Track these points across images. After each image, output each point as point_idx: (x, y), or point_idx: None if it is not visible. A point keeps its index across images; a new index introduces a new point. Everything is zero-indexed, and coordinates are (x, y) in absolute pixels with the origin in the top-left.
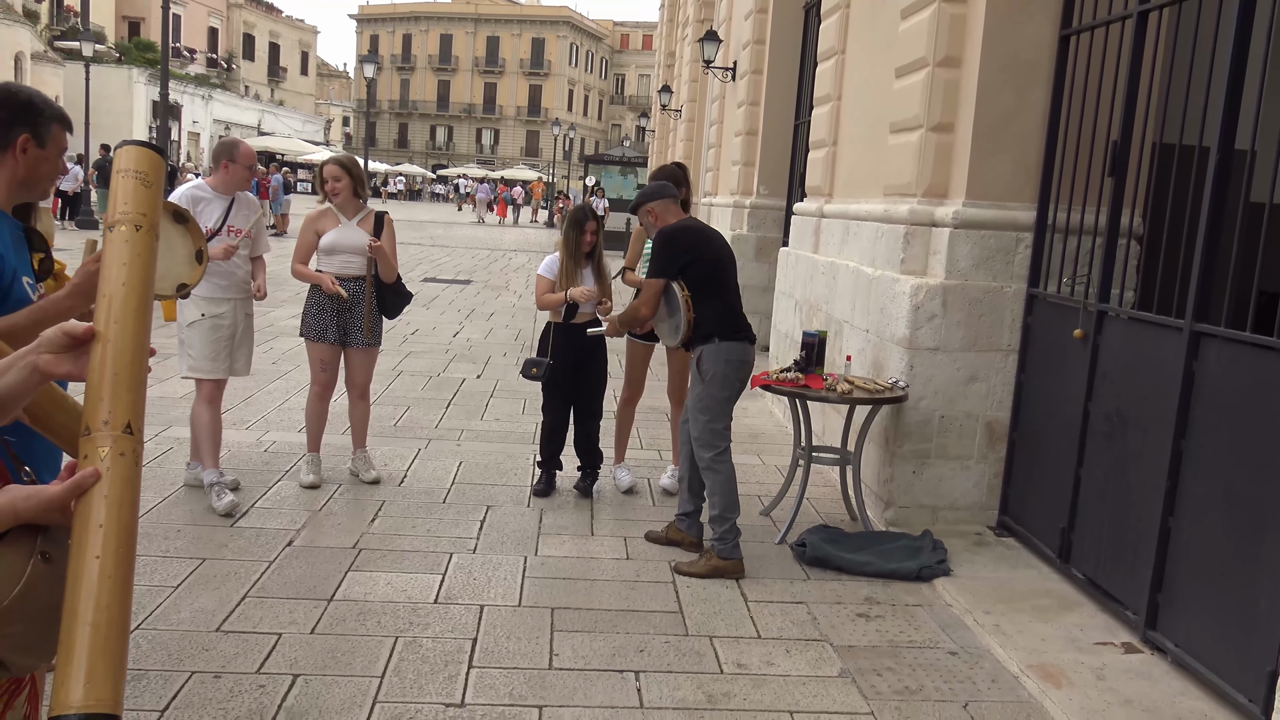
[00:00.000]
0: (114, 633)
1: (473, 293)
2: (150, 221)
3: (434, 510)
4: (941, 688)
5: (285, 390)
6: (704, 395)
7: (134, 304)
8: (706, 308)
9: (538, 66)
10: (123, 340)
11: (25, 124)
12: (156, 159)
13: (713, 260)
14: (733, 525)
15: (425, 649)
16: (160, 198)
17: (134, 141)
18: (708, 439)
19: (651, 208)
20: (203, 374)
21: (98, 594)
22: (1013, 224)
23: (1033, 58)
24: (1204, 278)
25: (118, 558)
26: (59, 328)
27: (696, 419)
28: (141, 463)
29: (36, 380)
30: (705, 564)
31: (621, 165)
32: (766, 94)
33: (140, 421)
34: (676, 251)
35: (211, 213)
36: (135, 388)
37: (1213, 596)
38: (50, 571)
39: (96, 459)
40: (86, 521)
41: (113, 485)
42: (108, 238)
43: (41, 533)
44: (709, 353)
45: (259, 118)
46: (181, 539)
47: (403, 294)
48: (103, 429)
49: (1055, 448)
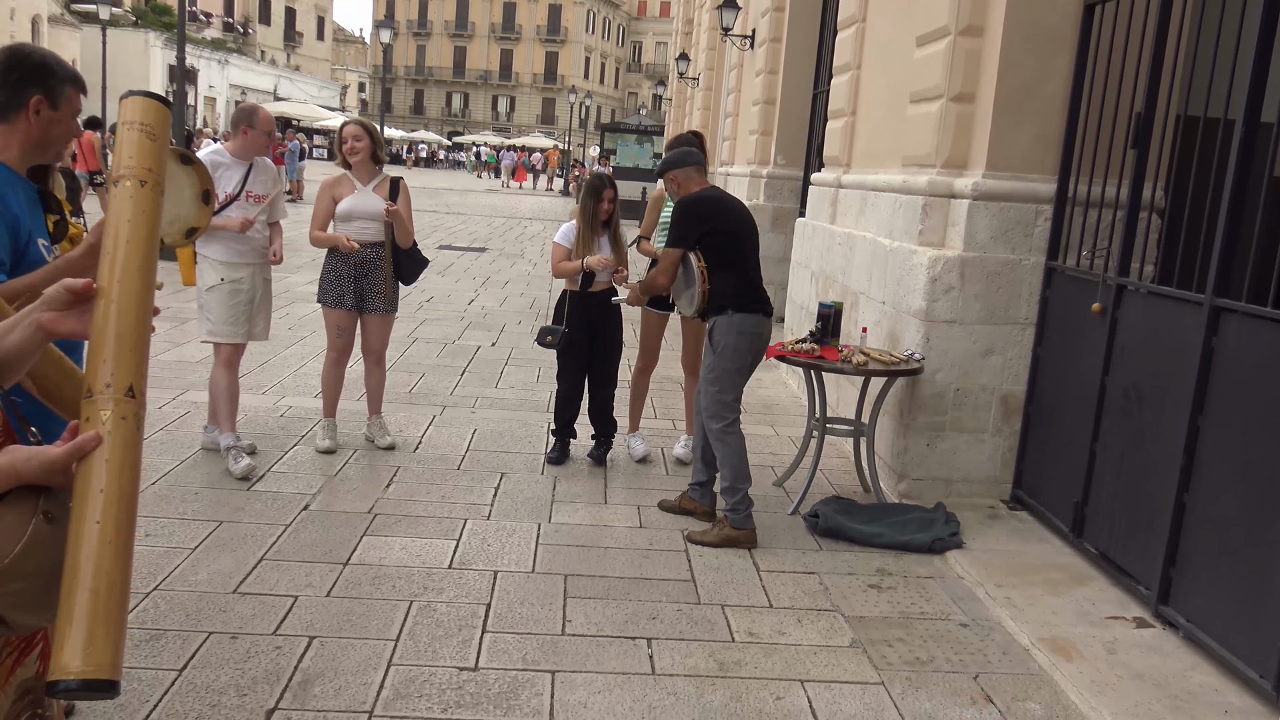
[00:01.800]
0: (114, 598)
1: (488, 260)
2: (156, 177)
3: (448, 477)
4: (952, 659)
5: (302, 355)
6: (714, 366)
7: (138, 261)
8: (722, 279)
9: (554, 33)
10: (126, 299)
11: (38, 85)
12: (162, 110)
13: (731, 231)
14: (744, 495)
15: (439, 613)
16: (166, 150)
17: (139, 92)
18: (716, 410)
19: (674, 175)
20: (221, 338)
21: (97, 559)
22: (1033, 196)
23: (1056, 27)
24: (1225, 253)
25: (118, 523)
26: (60, 284)
27: (707, 390)
28: (143, 426)
29: (41, 338)
30: (718, 533)
31: (638, 134)
32: (785, 62)
33: (143, 384)
34: (694, 221)
35: (230, 178)
36: (138, 348)
37: (1226, 572)
38: (53, 531)
39: (98, 422)
40: (87, 485)
41: (113, 449)
42: (112, 192)
43: (44, 493)
44: (721, 324)
45: (275, 83)
46: (199, 502)
47: (419, 259)
48: (104, 391)
49: (1071, 422)
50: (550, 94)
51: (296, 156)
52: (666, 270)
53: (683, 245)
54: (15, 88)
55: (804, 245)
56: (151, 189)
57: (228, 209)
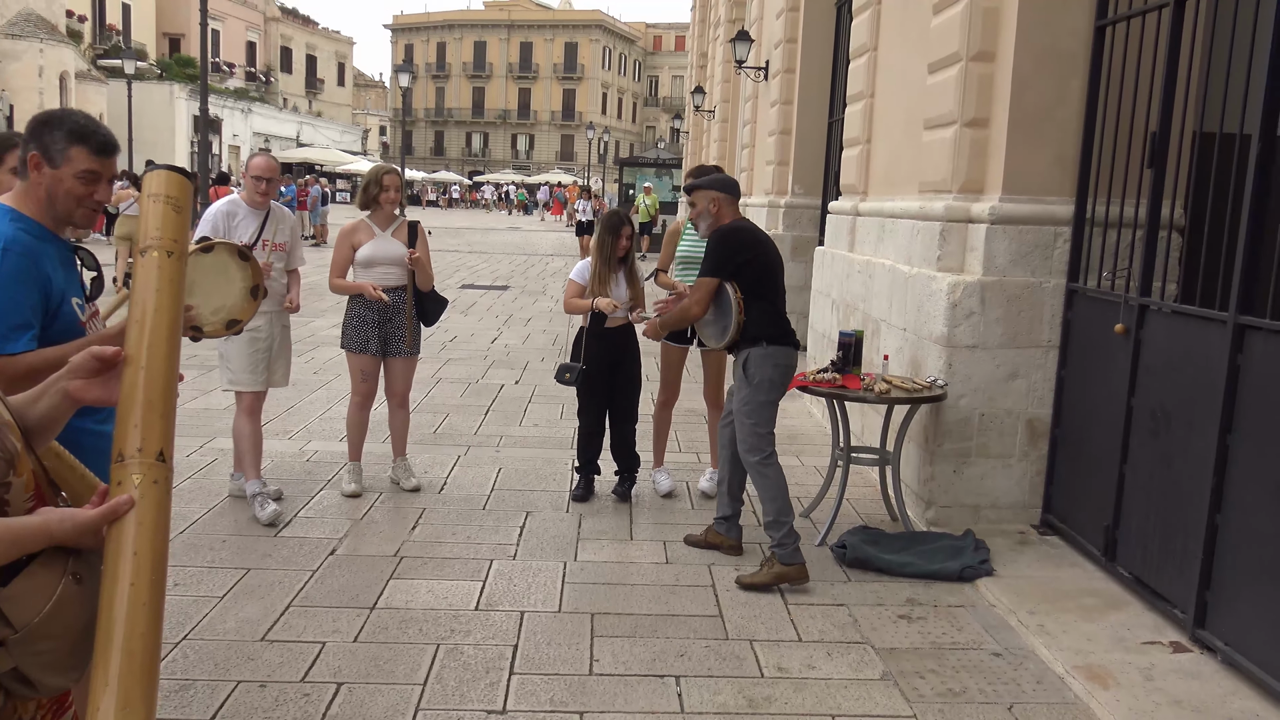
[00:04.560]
0: (148, 658)
1: (510, 298)
2: (181, 248)
3: (474, 517)
4: (985, 689)
5: (327, 400)
6: (749, 399)
7: (165, 330)
8: (756, 310)
9: (571, 71)
10: (154, 366)
11: (34, 142)
12: (185, 183)
13: (765, 263)
14: (790, 529)
15: (467, 656)
16: (189, 221)
17: (163, 166)
18: (753, 443)
19: (716, 196)
20: (242, 386)
21: (131, 621)
22: (1051, 218)
23: (1068, 49)
24: (1247, 269)
25: (151, 585)
26: (87, 351)
27: (742, 423)
28: (172, 489)
29: (68, 406)
30: (769, 572)
31: (656, 167)
32: (799, 92)
33: (171, 448)
34: (732, 250)
35: (246, 227)
36: (167, 414)
37: (1263, 594)
38: (81, 593)
39: (130, 485)
40: (120, 547)
41: (145, 512)
42: (139, 262)
43: (74, 555)
44: (756, 356)
45: (297, 129)
46: (226, 549)
47: (440, 301)
48: (136, 456)
49: (1098, 444)
50: (569, 130)
51: (320, 201)
52: (702, 300)
53: (719, 275)
54: (24, 148)
55: (824, 273)
56: (177, 259)
57: None
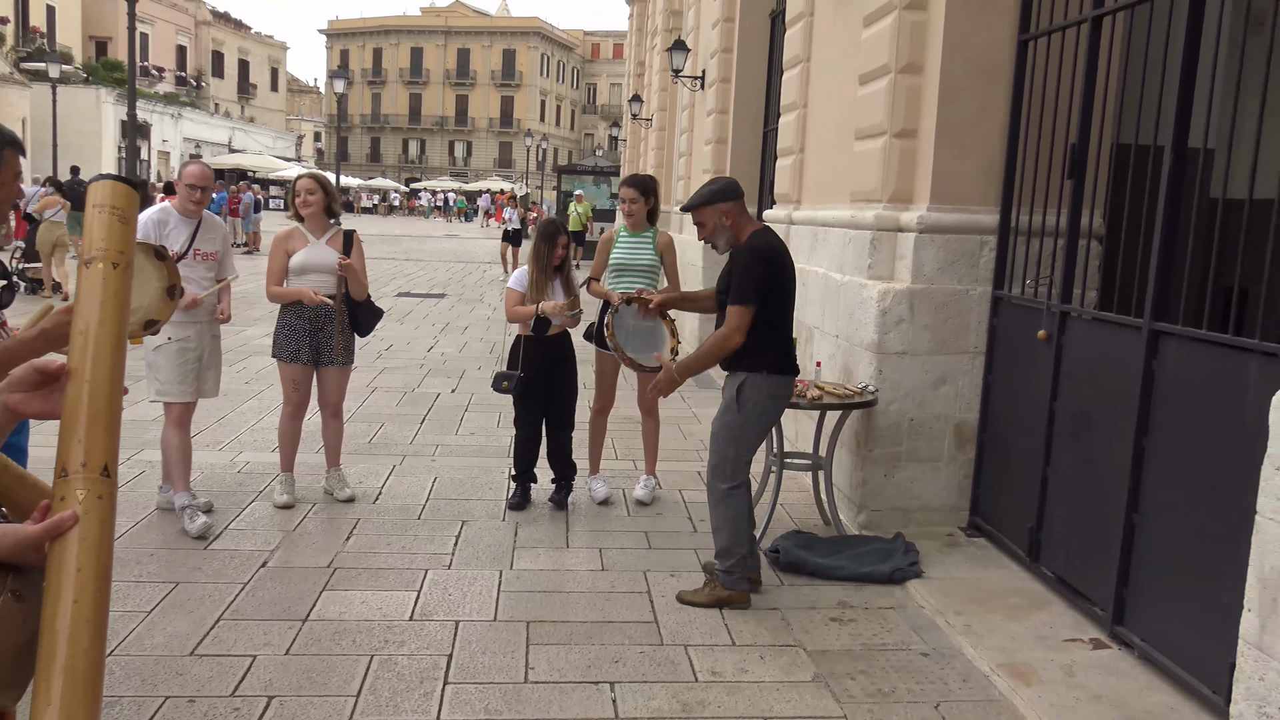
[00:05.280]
0: (92, 676)
1: (447, 306)
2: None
3: (409, 527)
4: (914, 689)
5: (259, 410)
6: (736, 425)
7: (110, 342)
8: (766, 337)
9: (509, 78)
10: (99, 379)
11: None
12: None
13: (790, 287)
14: (741, 559)
15: (400, 666)
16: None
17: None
18: (728, 471)
19: (728, 209)
20: (171, 397)
21: (76, 637)
22: (977, 227)
23: (993, 63)
24: (1161, 277)
25: (95, 601)
26: (30, 364)
27: (721, 449)
28: (116, 504)
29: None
30: (709, 594)
31: (595, 174)
32: (735, 102)
33: (116, 463)
34: (771, 274)
35: (177, 236)
36: (112, 428)
37: (1177, 591)
38: (21, 610)
39: (74, 501)
40: (63, 564)
41: (90, 528)
42: (84, 274)
43: (13, 571)
44: (754, 383)
45: (230, 135)
46: (154, 563)
47: (374, 311)
48: (80, 471)
49: (1023, 448)
50: (507, 138)
51: (252, 208)
52: (742, 328)
53: (754, 302)
54: None
55: None
56: (123, 271)
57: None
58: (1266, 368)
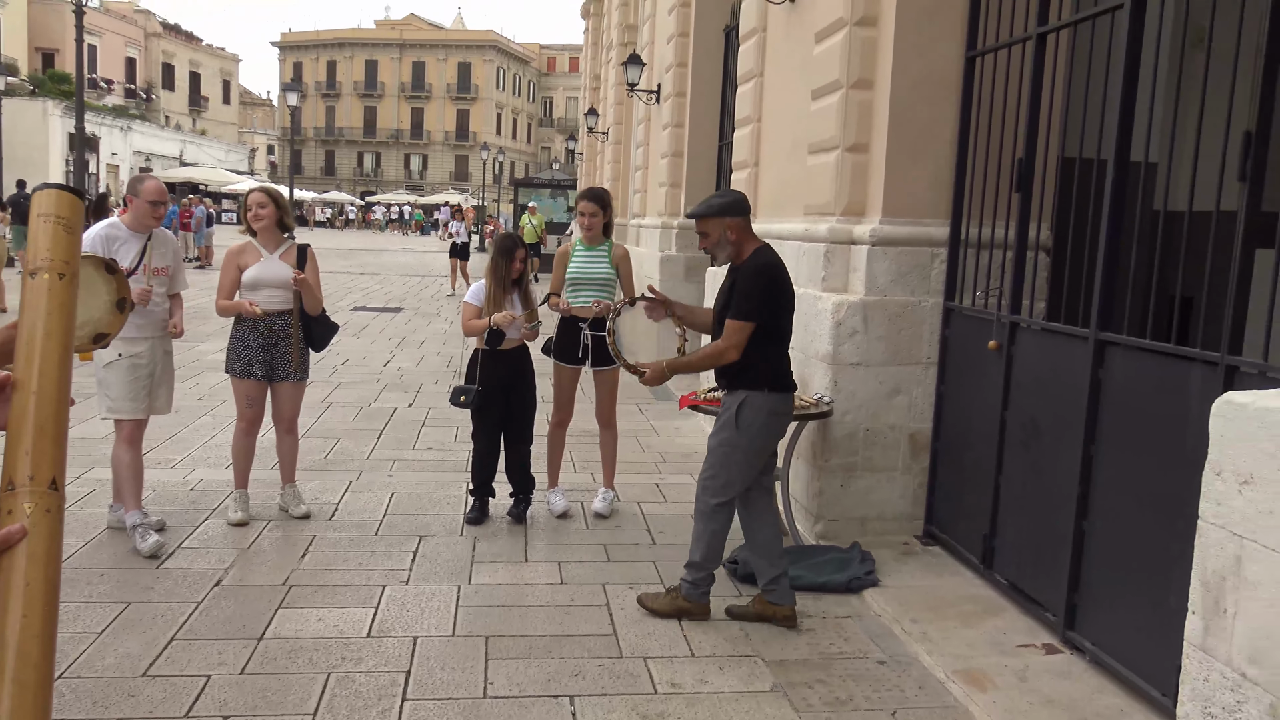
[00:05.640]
0: (42, 691)
1: (403, 320)
2: (73, 270)
3: (366, 543)
4: (871, 697)
5: (212, 426)
6: (732, 441)
7: (57, 354)
8: (767, 354)
9: (465, 91)
10: (46, 391)
11: None
12: (77, 203)
13: (792, 305)
14: (709, 575)
15: (358, 684)
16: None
17: (54, 185)
18: (717, 486)
19: (733, 224)
20: (122, 414)
21: (25, 652)
22: (928, 240)
23: (942, 78)
24: (1106, 287)
25: (44, 616)
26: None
27: (716, 464)
28: (64, 519)
29: None
30: (670, 603)
31: (552, 188)
32: (690, 116)
33: (63, 476)
34: (776, 292)
35: (128, 252)
36: (59, 441)
37: (1126, 595)
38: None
39: (21, 515)
40: (11, 579)
41: (38, 542)
42: (29, 285)
43: None
44: (755, 402)
45: (181, 148)
46: (105, 583)
47: (329, 325)
48: (27, 484)
49: (975, 457)
50: (463, 151)
51: (205, 222)
52: (740, 345)
53: (758, 319)
54: None
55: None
56: (69, 282)
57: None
58: (1208, 376)
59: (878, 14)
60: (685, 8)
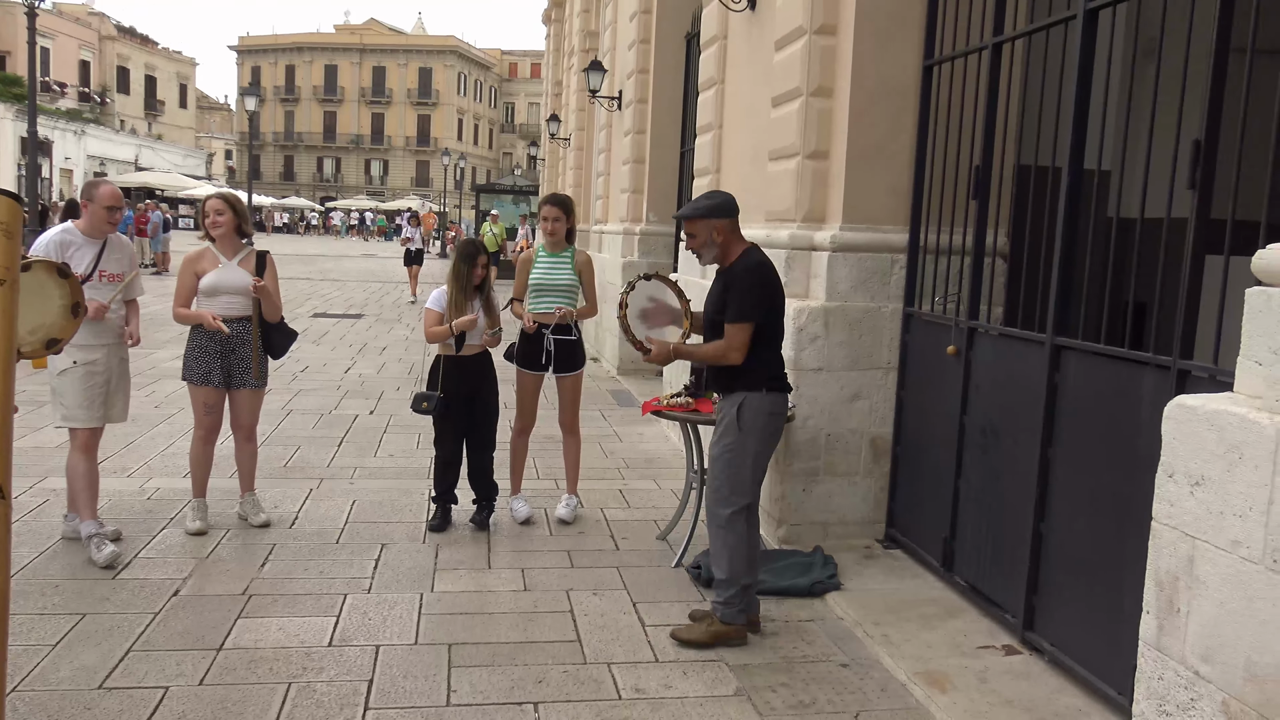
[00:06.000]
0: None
1: (364, 326)
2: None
3: (327, 551)
4: (834, 699)
5: (169, 435)
6: (737, 445)
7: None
8: (764, 355)
9: (426, 96)
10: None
11: None
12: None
13: (783, 306)
14: (740, 589)
15: (319, 693)
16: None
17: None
18: (726, 494)
19: (721, 225)
20: (77, 423)
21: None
22: (887, 246)
23: (900, 87)
24: (1062, 292)
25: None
26: None
27: (723, 470)
28: (11, 526)
29: None
30: (706, 631)
31: (514, 194)
32: (652, 122)
33: (9, 483)
34: (769, 292)
35: (82, 258)
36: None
37: (1083, 596)
38: None
39: None
40: None
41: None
42: None
43: None
44: (754, 403)
45: (136, 152)
46: (60, 594)
47: (288, 333)
48: None
49: (935, 460)
50: (424, 156)
51: (161, 228)
52: (741, 348)
53: (756, 319)
54: None
55: None
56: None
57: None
58: (1160, 380)
59: (837, 23)
60: (646, 14)
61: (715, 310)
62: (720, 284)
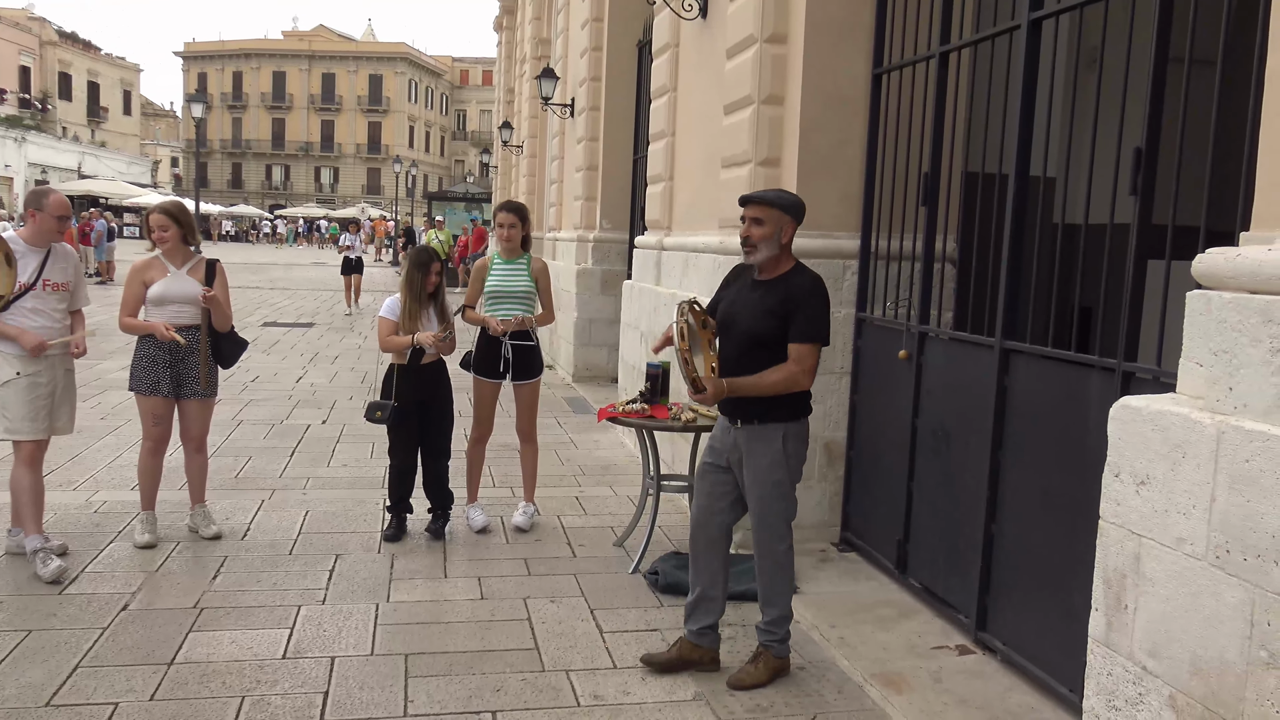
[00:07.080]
0: None
1: (316, 335)
2: None
3: (280, 563)
4: (791, 702)
5: (116, 446)
6: (785, 482)
7: None
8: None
9: (376, 103)
10: None
11: None
12: None
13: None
14: (790, 620)
15: (274, 706)
16: None
17: None
18: (783, 530)
19: (791, 226)
20: (21, 435)
21: None
22: (839, 252)
23: (850, 94)
24: (1010, 297)
25: None
26: None
27: (775, 506)
28: None
29: None
30: (765, 669)
31: (466, 201)
32: (605, 130)
33: None
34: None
35: (25, 266)
36: None
37: (1034, 596)
38: None
39: None
40: None
41: None
42: None
43: None
44: (795, 433)
45: (79, 160)
46: (4, 611)
47: (238, 341)
48: None
49: (888, 464)
50: (375, 164)
51: (105, 237)
52: (812, 370)
53: (827, 341)
54: None
55: (632, 306)
56: None
57: (22, 299)
58: (1106, 381)
59: (787, 31)
60: (598, 23)
61: (773, 326)
62: (772, 298)
